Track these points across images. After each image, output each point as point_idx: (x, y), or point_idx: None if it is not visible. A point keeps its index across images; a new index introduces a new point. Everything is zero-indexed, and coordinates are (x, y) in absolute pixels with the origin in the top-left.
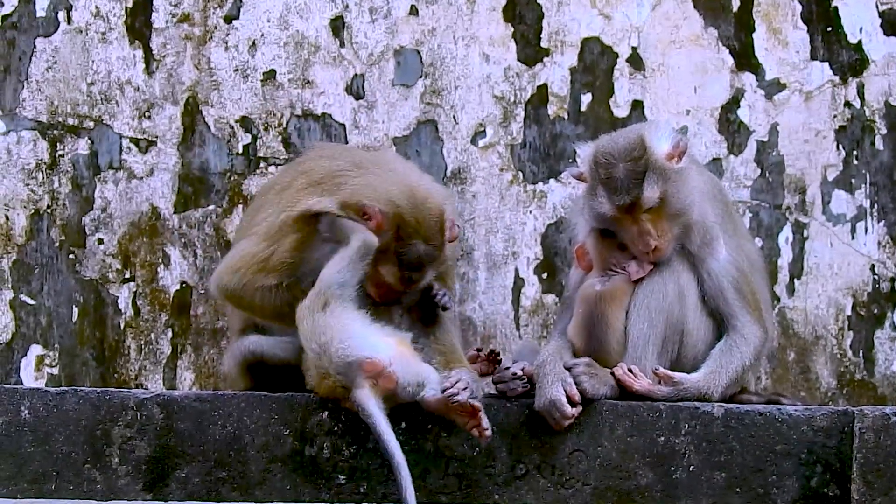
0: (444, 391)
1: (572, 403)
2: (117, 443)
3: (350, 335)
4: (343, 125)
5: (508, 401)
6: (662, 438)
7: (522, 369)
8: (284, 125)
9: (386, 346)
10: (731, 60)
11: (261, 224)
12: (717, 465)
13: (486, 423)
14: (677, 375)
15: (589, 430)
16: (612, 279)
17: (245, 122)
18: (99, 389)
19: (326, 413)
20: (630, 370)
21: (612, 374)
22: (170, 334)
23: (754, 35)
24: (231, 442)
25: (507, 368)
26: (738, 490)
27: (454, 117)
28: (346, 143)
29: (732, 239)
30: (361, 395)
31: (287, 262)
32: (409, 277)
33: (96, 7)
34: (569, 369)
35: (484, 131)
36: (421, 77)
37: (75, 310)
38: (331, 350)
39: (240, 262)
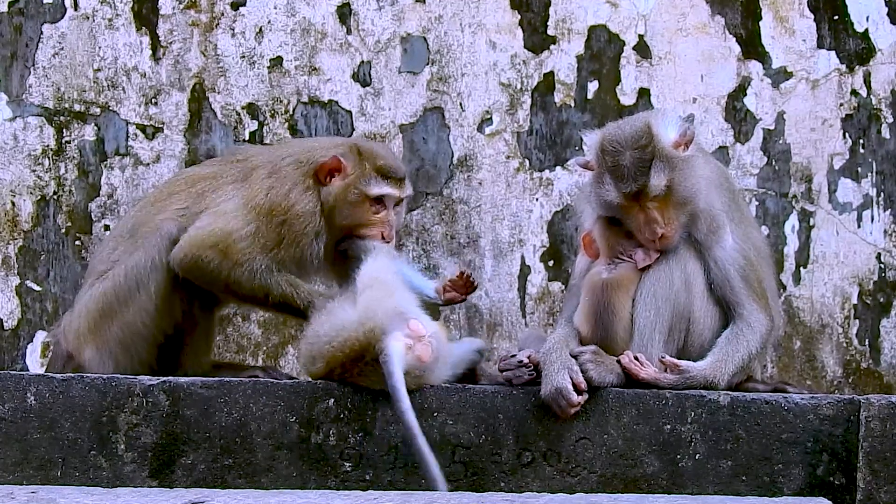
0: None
1: (578, 391)
2: (123, 429)
3: (406, 301)
4: (350, 112)
5: (514, 389)
6: (668, 426)
7: (528, 357)
8: (291, 112)
9: (432, 323)
10: (737, 48)
11: (222, 205)
12: (723, 454)
13: None
14: (683, 363)
15: (595, 417)
16: (619, 267)
17: (251, 109)
18: (105, 376)
19: (332, 400)
20: (636, 358)
21: (619, 361)
22: None
23: (761, 23)
24: (237, 429)
25: (514, 356)
26: (744, 478)
27: (461, 104)
28: (353, 130)
29: (739, 227)
30: (393, 346)
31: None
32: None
33: None
34: (575, 357)
35: (490, 119)
36: (427, 64)
37: None
38: (384, 303)
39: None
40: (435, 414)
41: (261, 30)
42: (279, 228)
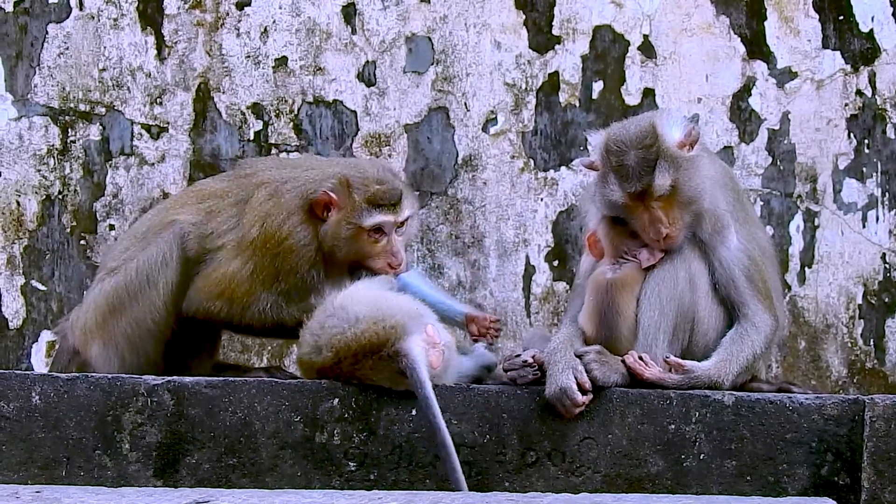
0: None
1: (583, 391)
2: (128, 429)
3: (424, 308)
4: (354, 112)
5: (519, 388)
6: (673, 426)
7: (533, 357)
8: (296, 112)
9: (446, 333)
10: (742, 48)
11: (225, 236)
12: (728, 453)
13: None
14: (688, 363)
15: (599, 417)
16: (624, 267)
17: (256, 109)
18: (110, 375)
19: (337, 400)
20: (641, 358)
21: (623, 361)
22: None
23: (766, 23)
24: (241, 428)
25: (518, 356)
26: (748, 478)
27: (465, 104)
28: (358, 129)
29: (743, 227)
30: (414, 344)
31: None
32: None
33: None
34: (579, 357)
35: (495, 118)
36: (432, 64)
37: None
38: (405, 303)
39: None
40: None
41: (266, 30)
42: (274, 261)
